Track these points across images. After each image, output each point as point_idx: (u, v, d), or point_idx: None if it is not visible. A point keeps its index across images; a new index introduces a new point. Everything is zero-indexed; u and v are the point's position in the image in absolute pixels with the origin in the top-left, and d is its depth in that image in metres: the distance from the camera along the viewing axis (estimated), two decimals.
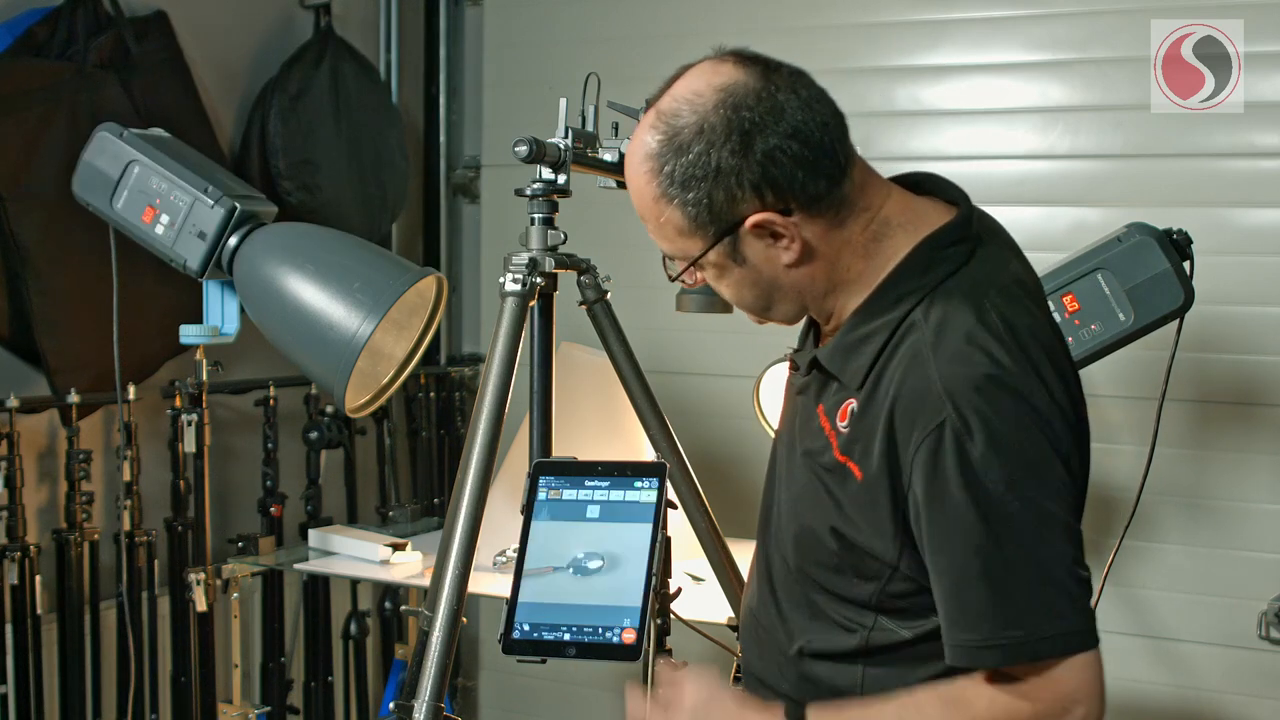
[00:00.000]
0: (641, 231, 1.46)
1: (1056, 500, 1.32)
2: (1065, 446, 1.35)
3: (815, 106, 1.38)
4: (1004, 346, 1.34)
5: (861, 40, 3.51)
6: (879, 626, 1.43)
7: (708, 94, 1.38)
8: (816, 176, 1.37)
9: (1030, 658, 1.30)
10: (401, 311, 2.18)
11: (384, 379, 2.26)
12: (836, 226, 1.41)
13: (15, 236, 2.81)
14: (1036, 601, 1.30)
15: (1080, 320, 2.30)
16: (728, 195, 1.37)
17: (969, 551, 1.31)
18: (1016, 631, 1.30)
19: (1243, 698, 3.21)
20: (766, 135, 1.36)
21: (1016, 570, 1.30)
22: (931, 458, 1.31)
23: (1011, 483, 1.30)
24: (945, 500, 1.31)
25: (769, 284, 1.45)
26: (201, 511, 3.02)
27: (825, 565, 1.45)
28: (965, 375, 1.32)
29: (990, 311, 1.37)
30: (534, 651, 1.43)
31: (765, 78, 1.38)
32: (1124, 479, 3.22)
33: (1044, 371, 1.35)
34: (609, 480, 1.50)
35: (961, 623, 1.33)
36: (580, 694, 3.93)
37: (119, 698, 3.05)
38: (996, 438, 1.30)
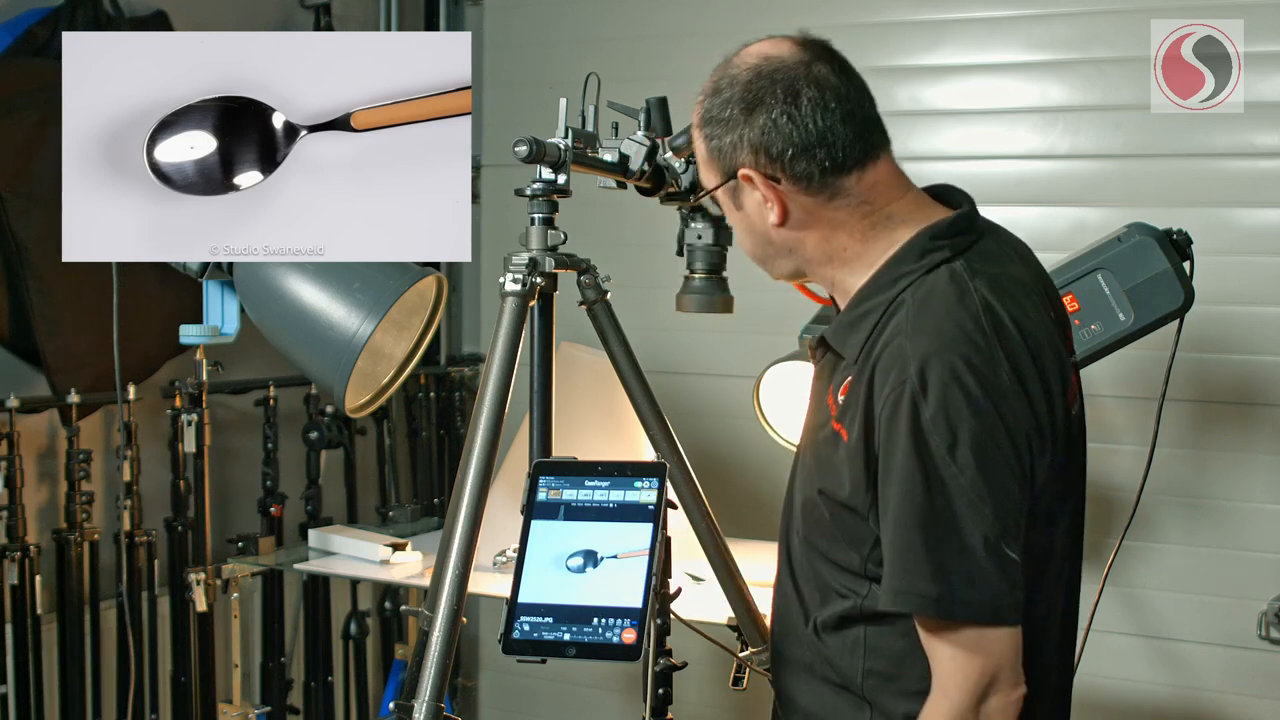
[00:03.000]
0: (641, 231, 1.47)
1: (995, 477, 1.41)
2: (1021, 429, 1.43)
3: (834, 109, 1.53)
4: (977, 326, 1.44)
5: (861, 40, 3.50)
6: (873, 594, 1.51)
7: (752, 58, 1.59)
8: (806, 160, 1.52)
9: (946, 615, 1.41)
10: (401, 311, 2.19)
11: (384, 379, 2.27)
12: (827, 206, 1.56)
13: (15, 236, 2.81)
14: (957, 565, 1.40)
15: (1080, 320, 2.30)
16: (732, 145, 1.56)
17: (907, 504, 1.42)
18: (935, 588, 1.40)
19: (1243, 698, 3.21)
20: (770, 109, 1.53)
21: (943, 532, 1.40)
22: (891, 414, 1.43)
23: (952, 449, 1.40)
24: (894, 454, 1.43)
25: (762, 236, 1.62)
26: (201, 511, 3.02)
27: (824, 533, 1.56)
28: (933, 345, 1.43)
29: (972, 294, 1.47)
30: (534, 651, 1.43)
31: (805, 67, 1.55)
32: (1124, 479, 3.22)
33: (1015, 358, 1.45)
34: (609, 480, 1.50)
35: (895, 569, 1.44)
36: (580, 694, 3.93)
37: (119, 698, 3.05)
38: (947, 405, 1.40)
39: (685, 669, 1.75)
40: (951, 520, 1.40)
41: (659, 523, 1.47)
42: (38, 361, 2.92)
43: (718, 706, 3.63)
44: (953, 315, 1.46)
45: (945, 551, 1.41)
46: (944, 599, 1.40)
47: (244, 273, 2.15)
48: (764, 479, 3.47)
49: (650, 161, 2.08)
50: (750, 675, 2.14)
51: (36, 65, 2.89)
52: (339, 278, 2.06)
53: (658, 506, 1.48)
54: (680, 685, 1.83)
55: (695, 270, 2.21)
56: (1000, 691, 1.42)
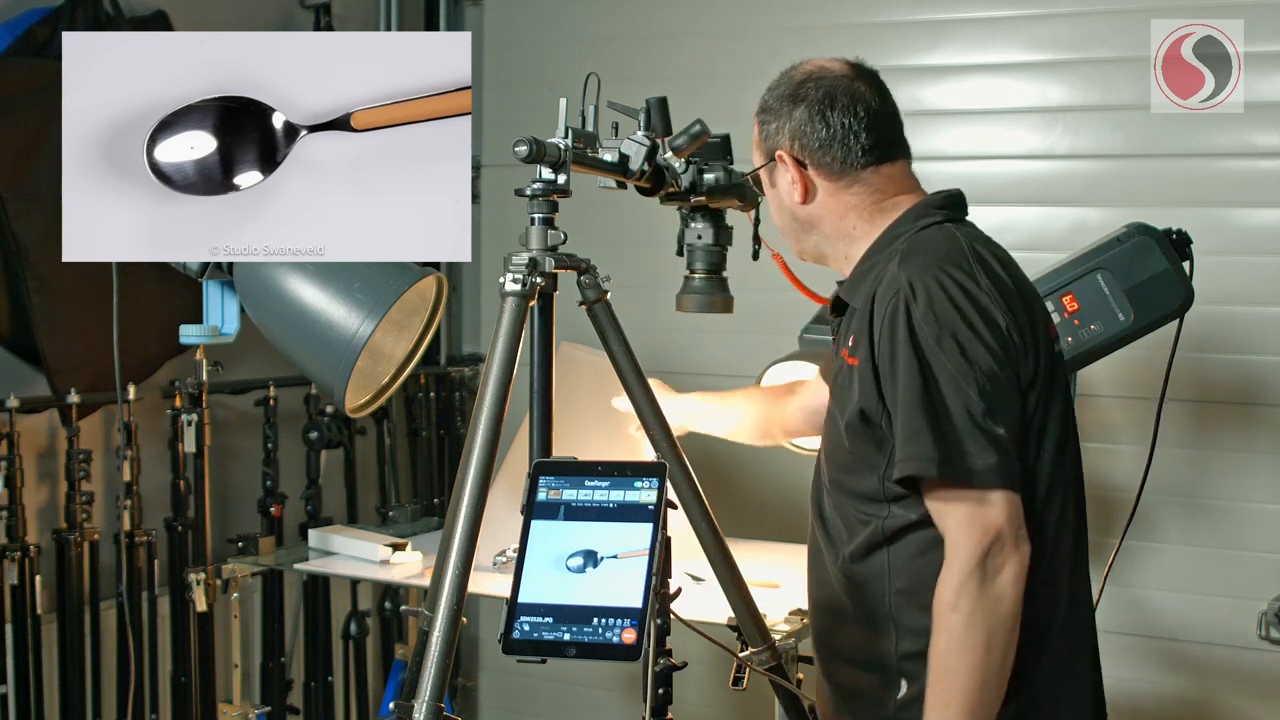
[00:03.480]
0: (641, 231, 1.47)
1: (979, 362, 1.66)
2: (1001, 325, 1.68)
3: (862, 117, 1.83)
4: (961, 254, 1.74)
5: (861, 40, 3.50)
6: (891, 515, 1.75)
7: (810, 67, 1.89)
8: (828, 153, 1.85)
9: (945, 476, 1.63)
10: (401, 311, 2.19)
11: (384, 379, 2.26)
12: (845, 191, 1.86)
13: (15, 236, 2.81)
14: (953, 435, 1.64)
15: (1080, 320, 2.30)
16: (776, 130, 1.89)
17: (911, 386, 1.66)
18: (938, 453, 1.63)
19: (1243, 698, 3.21)
20: (810, 106, 1.85)
21: (939, 409, 1.65)
22: (890, 322, 1.70)
23: (940, 337, 1.66)
24: (895, 348, 1.68)
25: (788, 211, 1.92)
26: (201, 511, 3.03)
27: (845, 468, 1.81)
28: (920, 265, 1.72)
29: (959, 240, 1.78)
30: (534, 651, 1.43)
31: (849, 83, 1.85)
32: (1124, 479, 3.22)
33: (995, 279, 1.73)
34: (609, 480, 1.50)
35: (903, 440, 1.67)
36: (580, 694, 3.93)
37: (119, 698, 3.05)
38: (934, 305, 1.68)
39: (685, 669, 1.75)
40: (945, 399, 1.65)
41: (659, 523, 1.47)
42: (38, 361, 2.92)
43: (718, 706, 3.63)
44: (939, 247, 1.76)
45: (943, 425, 1.64)
46: (944, 461, 1.63)
47: (244, 273, 2.15)
48: (764, 479, 3.47)
49: (650, 161, 2.07)
50: (750, 675, 2.14)
51: (36, 65, 2.90)
52: (339, 278, 2.06)
53: (658, 506, 1.47)
54: (680, 685, 1.83)
55: (695, 270, 2.21)
56: (1003, 551, 1.62)
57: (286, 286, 2.07)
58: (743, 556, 2.20)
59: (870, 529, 1.77)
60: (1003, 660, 1.63)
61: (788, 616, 2.32)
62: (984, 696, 1.61)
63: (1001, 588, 1.62)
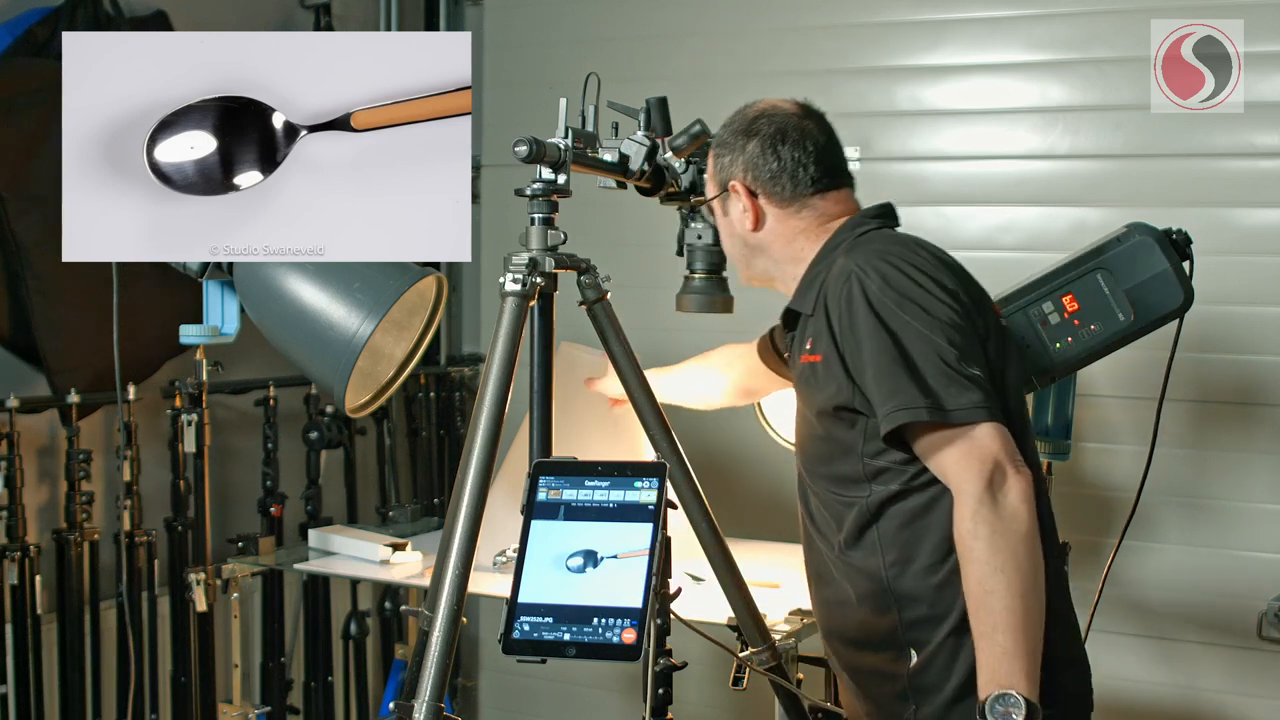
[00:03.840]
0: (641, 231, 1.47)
1: (940, 314, 1.76)
2: (949, 285, 1.80)
3: (810, 150, 1.97)
4: (903, 243, 1.88)
5: (861, 40, 3.51)
6: (873, 492, 1.84)
7: (762, 105, 2.03)
8: (777, 184, 1.98)
9: (942, 419, 1.71)
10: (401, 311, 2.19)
11: (384, 379, 2.27)
12: (793, 216, 1.99)
13: (15, 236, 2.81)
14: (937, 381, 1.72)
15: (1080, 320, 2.30)
16: (730, 162, 2.01)
17: (881, 351, 1.75)
18: (929, 399, 1.71)
19: (1243, 698, 3.21)
20: (762, 140, 1.98)
21: (917, 358, 1.73)
22: (848, 306, 1.79)
23: (901, 303, 1.76)
24: (857, 324, 1.78)
25: (740, 239, 2.04)
26: (201, 511, 3.02)
27: (824, 457, 1.90)
28: (865, 253, 1.84)
29: (898, 234, 1.94)
30: (534, 651, 1.43)
31: (798, 121, 1.99)
32: (1124, 479, 3.22)
33: (937, 255, 1.87)
34: (609, 480, 1.50)
35: (885, 399, 1.74)
36: (580, 694, 3.93)
37: (119, 698, 3.05)
38: (887, 279, 1.79)
39: (685, 669, 1.76)
40: (918, 352, 1.73)
41: (659, 523, 1.47)
42: (38, 361, 2.92)
43: (718, 706, 3.63)
44: (883, 239, 1.90)
45: (921, 374, 1.72)
46: (933, 405, 1.71)
47: (244, 273, 2.15)
48: (764, 479, 3.47)
49: (650, 161, 2.08)
50: (750, 675, 2.14)
51: (36, 65, 2.90)
52: (339, 278, 2.06)
53: (658, 506, 1.47)
54: (680, 685, 1.83)
55: (695, 270, 2.21)
56: (1008, 477, 1.69)
57: (286, 286, 2.07)
58: (743, 556, 2.20)
59: (856, 510, 1.85)
60: (1034, 572, 1.67)
61: (788, 616, 2.32)
62: (1027, 609, 1.65)
63: (1014, 507, 1.68)
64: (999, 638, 1.64)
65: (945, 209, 3.42)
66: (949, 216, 3.41)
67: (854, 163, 3.46)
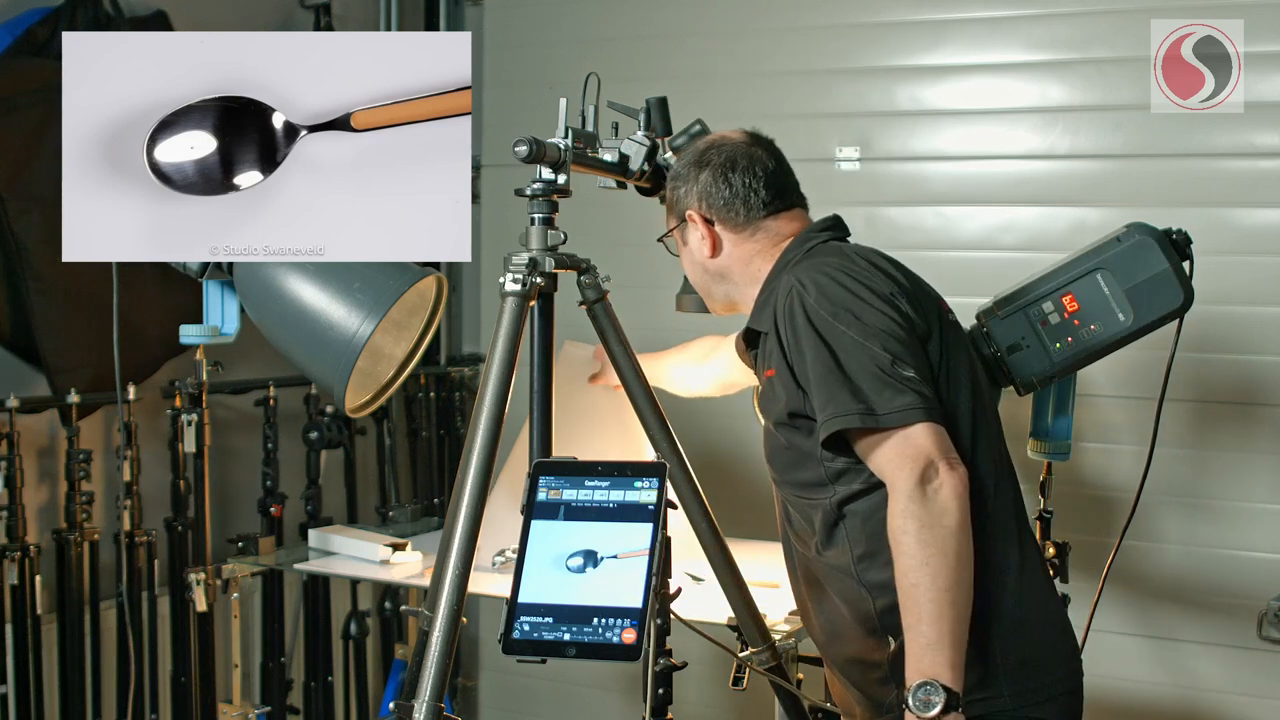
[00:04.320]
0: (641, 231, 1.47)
1: (875, 321, 1.81)
2: (887, 290, 1.86)
3: (759, 176, 2.02)
4: (843, 255, 1.93)
5: (861, 40, 3.51)
6: (836, 492, 1.88)
7: (713, 137, 2.08)
8: (731, 210, 2.03)
9: (874, 424, 1.75)
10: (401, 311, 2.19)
11: (384, 379, 2.26)
12: (749, 240, 2.04)
13: (15, 236, 2.81)
14: (871, 386, 1.76)
15: (1080, 320, 2.30)
16: (685, 194, 2.05)
17: (818, 360, 1.80)
18: (861, 405, 1.76)
19: (1243, 698, 3.21)
20: (715, 170, 2.03)
21: (851, 368, 1.78)
22: (789, 320, 1.85)
23: (836, 313, 1.82)
24: (797, 334, 1.83)
25: (699, 265, 2.08)
26: (201, 511, 3.02)
27: (788, 464, 1.94)
28: (807, 267, 1.91)
29: (843, 246, 1.99)
30: (534, 651, 1.43)
31: (747, 149, 2.04)
32: (1124, 479, 3.22)
33: (875, 262, 1.92)
34: (609, 480, 1.50)
35: (822, 408, 1.79)
36: (580, 694, 3.93)
37: (119, 698, 3.05)
38: (823, 290, 1.84)
39: (685, 669, 1.76)
40: (852, 361, 1.78)
41: (659, 523, 1.47)
42: (38, 361, 2.92)
43: (718, 706, 3.63)
44: (825, 251, 1.96)
45: (855, 381, 1.77)
46: (865, 410, 1.75)
47: (244, 273, 2.15)
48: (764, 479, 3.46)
49: (650, 161, 2.08)
50: (750, 675, 2.14)
51: (36, 65, 2.89)
52: (339, 278, 2.06)
53: (658, 506, 1.48)
54: (680, 685, 1.83)
55: None
56: (938, 474, 1.72)
57: (286, 286, 2.07)
58: (743, 556, 2.20)
59: (823, 512, 1.89)
60: (960, 566, 1.70)
61: (788, 616, 2.32)
62: (953, 602, 1.68)
63: (944, 503, 1.71)
64: (924, 629, 1.68)
65: (945, 209, 3.42)
66: (949, 216, 3.41)
67: (854, 163, 3.48)
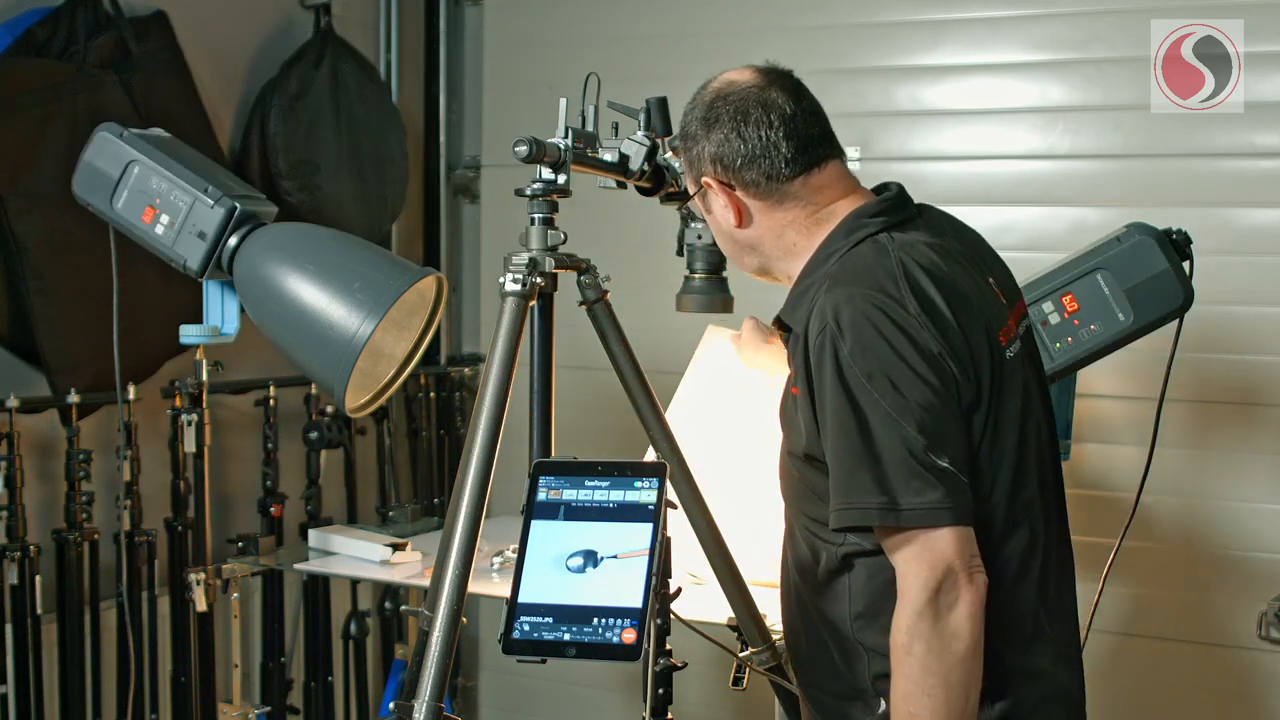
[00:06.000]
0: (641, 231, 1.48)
1: (913, 394, 1.57)
2: (933, 350, 1.59)
3: (777, 127, 1.74)
4: (888, 275, 1.64)
5: (861, 40, 3.51)
6: (846, 542, 1.68)
7: (717, 84, 1.79)
8: (753, 170, 1.75)
9: (894, 522, 1.56)
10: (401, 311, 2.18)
11: (384, 379, 2.26)
12: (777, 209, 1.77)
13: (15, 236, 2.81)
14: (898, 475, 1.56)
15: (1080, 320, 2.30)
16: (697, 156, 1.80)
17: (842, 430, 1.60)
18: (884, 497, 1.56)
19: (1243, 698, 3.21)
20: (724, 126, 1.75)
21: (876, 449, 1.57)
22: (819, 359, 1.62)
23: (870, 377, 1.58)
24: (825, 391, 1.62)
25: (727, 235, 1.85)
26: (201, 511, 3.02)
27: (800, 494, 1.76)
28: (846, 293, 1.63)
29: (890, 254, 1.68)
30: (534, 651, 1.43)
31: (759, 91, 1.75)
32: (1124, 479, 3.22)
33: (924, 296, 1.62)
34: (609, 480, 1.50)
35: (839, 487, 1.60)
36: (580, 694, 3.93)
37: (119, 698, 3.05)
38: (862, 339, 1.59)
39: (685, 669, 1.76)
40: (881, 438, 1.57)
41: (659, 523, 1.47)
42: (38, 361, 2.92)
43: (718, 706, 3.63)
44: (868, 269, 1.66)
45: (880, 466, 1.56)
46: (884, 509, 1.56)
47: (244, 273, 2.15)
48: None
49: (650, 161, 2.08)
50: (750, 675, 2.14)
51: (36, 65, 2.89)
52: (339, 278, 2.06)
53: (658, 506, 1.48)
54: (680, 685, 1.83)
55: (695, 270, 2.21)
56: (955, 587, 1.55)
57: (286, 286, 2.06)
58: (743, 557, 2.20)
59: (827, 556, 1.72)
60: (965, 697, 1.57)
61: None
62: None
63: (956, 624, 1.55)
64: None
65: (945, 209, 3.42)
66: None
67: (854, 163, 3.48)
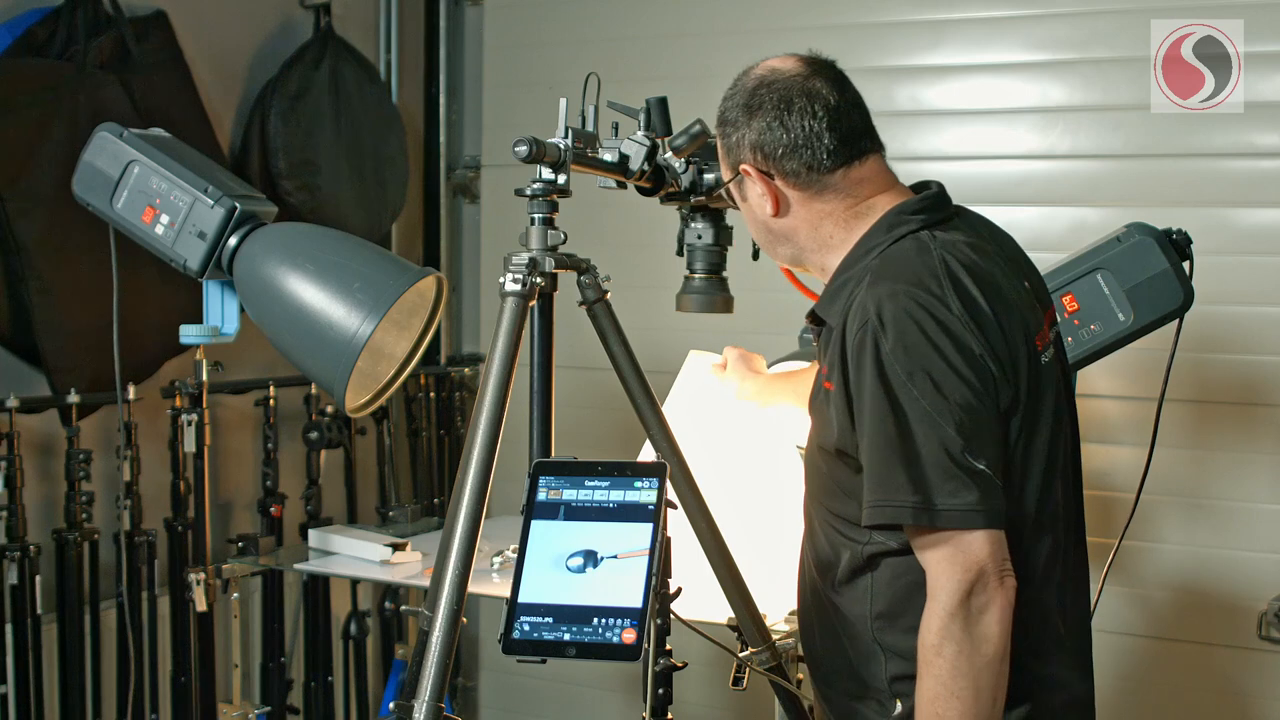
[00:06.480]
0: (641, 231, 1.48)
1: (953, 395, 1.57)
2: (974, 352, 1.59)
3: (821, 117, 1.73)
4: (930, 273, 1.63)
5: (861, 40, 3.51)
6: (872, 541, 1.68)
7: (761, 70, 1.78)
8: (794, 159, 1.74)
9: (929, 522, 1.56)
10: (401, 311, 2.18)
11: (384, 379, 2.26)
12: (816, 199, 1.76)
13: (15, 236, 2.81)
14: (935, 475, 1.56)
15: (1080, 320, 2.30)
16: (736, 143, 1.79)
17: (879, 429, 1.59)
18: (918, 497, 1.56)
19: (1243, 698, 3.21)
20: (766, 114, 1.74)
21: (914, 449, 1.57)
22: (858, 354, 1.62)
23: (911, 376, 1.57)
24: (864, 388, 1.61)
25: (762, 224, 1.83)
26: (201, 511, 3.02)
27: (827, 490, 1.75)
28: (889, 289, 1.62)
29: (931, 252, 1.67)
30: (534, 651, 1.43)
31: (803, 80, 1.74)
32: (1124, 479, 3.22)
33: (966, 296, 1.62)
34: (609, 480, 1.50)
35: (873, 485, 1.60)
36: (580, 694, 3.93)
37: (119, 698, 3.05)
38: (904, 337, 1.59)
39: (685, 669, 1.76)
40: (919, 437, 1.57)
41: (659, 523, 1.47)
42: (38, 361, 2.92)
43: (718, 706, 3.63)
44: (910, 265, 1.66)
45: (918, 466, 1.56)
46: (919, 508, 1.56)
47: (244, 273, 2.15)
48: None
49: (650, 161, 2.07)
50: (750, 675, 2.14)
51: (36, 65, 2.89)
52: (339, 278, 2.06)
53: (658, 506, 1.48)
54: (680, 685, 1.83)
55: (695, 270, 2.21)
56: (986, 590, 1.55)
57: (286, 286, 2.06)
58: None
59: (851, 554, 1.71)
60: (993, 701, 1.57)
61: (788, 616, 2.32)
62: None
63: (987, 627, 1.56)
64: None
65: None
66: None
67: None
